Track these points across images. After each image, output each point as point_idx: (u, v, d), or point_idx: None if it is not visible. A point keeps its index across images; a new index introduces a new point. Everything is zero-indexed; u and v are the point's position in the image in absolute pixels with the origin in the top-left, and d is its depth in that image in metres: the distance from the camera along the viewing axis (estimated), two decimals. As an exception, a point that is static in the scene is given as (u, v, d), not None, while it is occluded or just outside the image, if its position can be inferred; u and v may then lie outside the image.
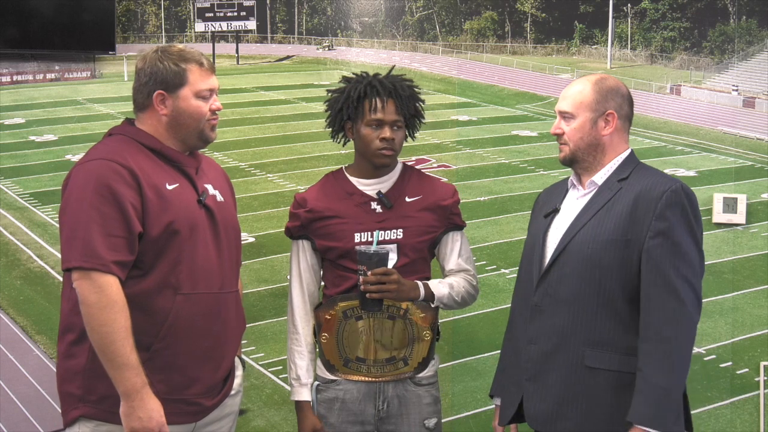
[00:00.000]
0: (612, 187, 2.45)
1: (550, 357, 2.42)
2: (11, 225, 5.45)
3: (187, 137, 2.44)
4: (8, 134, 5.73)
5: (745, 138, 5.58)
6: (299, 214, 2.74)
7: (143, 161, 2.35)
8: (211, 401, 2.46)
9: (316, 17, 6.31)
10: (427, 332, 2.68)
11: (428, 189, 2.75)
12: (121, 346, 2.21)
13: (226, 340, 2.50)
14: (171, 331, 2.33)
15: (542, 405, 2.43)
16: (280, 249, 5.16)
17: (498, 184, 5.71)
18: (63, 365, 2.38)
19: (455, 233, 2.78)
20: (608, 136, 2.49)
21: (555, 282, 2.44)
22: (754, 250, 5.09)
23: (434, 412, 2.73)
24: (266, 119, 6.20)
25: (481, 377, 2.76)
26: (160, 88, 2.41)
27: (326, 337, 2.69)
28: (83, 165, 2.33)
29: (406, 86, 2.72)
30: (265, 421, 4.45)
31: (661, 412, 2.27)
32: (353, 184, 2.73)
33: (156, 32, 6.05)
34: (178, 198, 2.36)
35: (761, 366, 4.52)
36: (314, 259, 2.76)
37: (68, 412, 2.36)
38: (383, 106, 2.67)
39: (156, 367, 2.31)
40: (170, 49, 2.46)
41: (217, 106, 2.46)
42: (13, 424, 4.51)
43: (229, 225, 2.52)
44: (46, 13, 4.82)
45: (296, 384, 2.74)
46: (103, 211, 2.23)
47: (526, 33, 6.16)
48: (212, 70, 2.48)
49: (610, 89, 2.51)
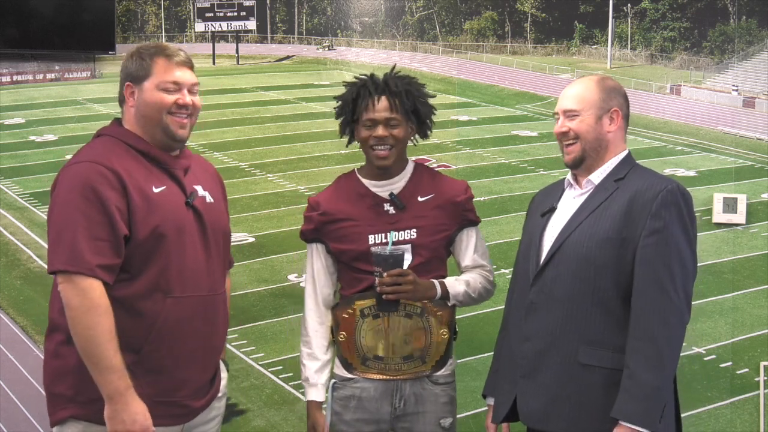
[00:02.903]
0: (608, 187, 2.46)
1: (544, 355, 2.43)
2: (11, 225, 5.45)
3: (153, 132, 2.41)
4: (8, 134, 5.73)
5: (745, 138, 5.58)
6: (313, 217, 2.74)
7: (130, 163, 2.34)
8: (198, 403, 2.45)
9: (316, 17, 6.31)
10: (444, 330, 2.69)
11: (440, 187, 2.74)
12: (104, 349, 2.21)
13: (214, 341, 2.50)
14: (160, 334, 2.33)
15: (536, 403, 2.44)
16: (280, 249, 5.17)
17: (498, 184, 5.71)
18: (51, 365, 2.38)
19: (470, 229, 2.77)
20: (612, 134, 2.51)
21: (550, 280, 2.45)
22: (754, 250, 5.09)
23: (450, 412, 2.74)
24: (266, 119, 6.20)
25: (481, 377, 2.76)
26: (129, 80, 2.42)
27: (344, 335, 2.70)
28: (69, 167, 2.32)
29: (400, 82, 2.69)
30: (265, 421, 4.46)
31: (648, 410, 2.27)
32: (365, 186, 2.73)
33: (156, 32, 6.05)
34: (165, 201, 2.35)
35: (761, 366, 4.52)
36: (329, 261, 2.77)
37: (56, 412, 2.36)
38: (374, 104, 2.66)
39: (145, 370, 2.31)
40: (147, 45, 2.46)
41: (185, 101, 2.41)
42: (13, 424, 4.51)
43: (218, 227, 2.51)
44: (46, 13, 4.82)
45: (306, 385, 2.77)
46: (89, 214, 2.23)
47: (526, 33, 6.16)
48: (184, 65, 2.44)
49: (613, 88, 2.53)
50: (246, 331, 4.93)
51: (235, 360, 4.74)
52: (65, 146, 5.69)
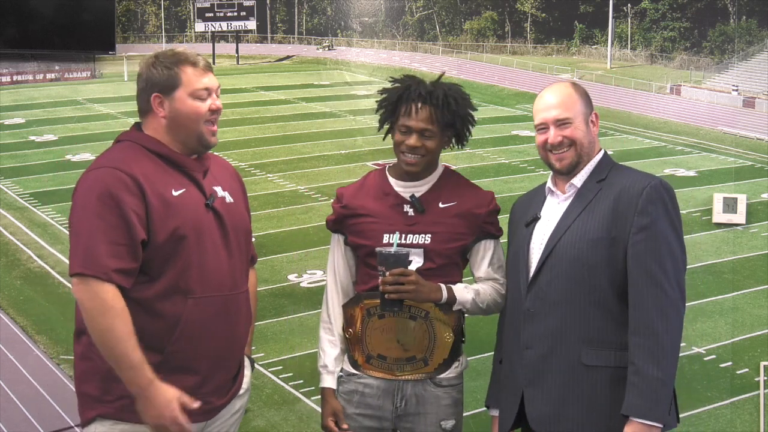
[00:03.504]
0: (592, 188, 2.49)
1: (546, 359, 2.44)
2: (11, 225, 5.45)
3: (187, 140, 2.45)
4: (8, 134, 5.74)
5: (745, 138, 5.58)
6: (336, 208, 2.79)
7: (149, 167, 2.37)
8: (220, 400, 2.49)
9: (316, 17, 6.32)
10: (449, 334, 2.69)
11: (464, 196, 2.74)
12: (123, 349, 2.25)
13: (237, 339, 2.53)
14: (183, 335, 2.36)
15: (544, 407, 2.45)
16: (280, 249, 5.17)
17: (498, 184, 5.72)
18: (80, 366, 2.43)
19: (488, 242, 2.77)
20: (594, 137, 2.56)
21: (545, 285, 2.46)
22: (754, 250, 5.09)
23: (453, 414, 2.74)
24: (266, 119, 6.20)
25: (481, 377, 2.76)
26: (156, 91, 2.42)
27: (351, 332, 2.73)
28: (89, 173, 2.36)
29: (444, 93, 2.69)
30: (265, 421, 4.46)
31: (657, 403, 2.30)
32: (391, 185, 2.74)
33: (156, 32, 6.05)
34: (184, 203, 2.38)
35: (761, 366, 4.52)
36: (348, 253, 2.79)
37: (85, 412, 2.41)
38: (415, 112, 2.66)
39: (169, 369, 2.34)
40: (164, 53, 2.46)
41: (217, 105, 2.46)
42: (13, 424, 4.52)
43: (239, 225, 2.54)
44: (46, 13, 4.83)
45: (323, 371, 2.77)
46: (106, 218, 2.27)
47: (526, 33, 6.16)
48: (208, 69, 2.47)
49: (585, 92, 2.58)
50: (246, 331, 4.93)
51: (235, 360, 4.74)
52: (65, 146, 5.69)
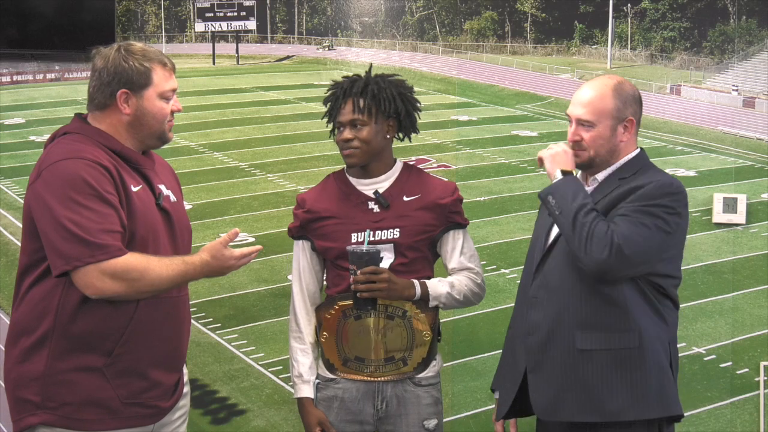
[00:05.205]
0: (611, 185, 2.47)
1: (546, 346, 2.45)
2: (11, 225, 5.45)
3: (146, 137, 2.40)
4: (8, 134, 5.74)
5: (745, 138, 5.59)
6: (298, 214, 2.76)
7: (109, 162, 2.30)
8: (167, 403, 2.45)
9: (316, 17, 6.32)
10: (427, 332, 2.67)
11: (427, 188, 2.74)
12: (169, 273, 2.26)
13: (182, 342, 2.50)
14: (132, 336, 2.31)
15: (545, 395, 2.47)
16: (281, 249, 5.16)
17: (498, 184, 5.72)
18: (17, 370, 2.31)
19: (456, 231, 2.75)
20: (624, 142, 2.50)
21: (548, 273, 2.48)
22: (754, 250, 5.09)
23: (434, 413, 2.72)
24: (266, 119, 6.20)
25: (481, 377, 2.76)
26: (124, 87, 2.35)
27: (326, 336, 2.69)
28: (56, 164, 2.24)
29: (365, 82, 2.67)
30: (265, 421, 4.45)
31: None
32: (352, 184, 2.73)
33: (156, 32, 6.05)
34: (141, 201, 2.33)
35: (761, 366, 4.52)
36: (314, 259, 2.77)
37: (24, 419, 2.29)
38: (342, 107, 2.67)
39: (117, 372, 2.30)
40: (132, 47, 2.39)
41: (178, 107, 2.42)
42: (13, 424, 4.51)
43: (183, 226, 2.50)
44: (46, 13, 4.82)
45: (299, 381, 2.74)
46: (91, 207, 2.20)
47: (526, 33, 6.16)
48: (174, 70, 2.43)
49: (629, 95, 2.50)
50: (246, 331, 4.93)
51: (235, 360, 4.74)
52: (65, 146, 5.68)
